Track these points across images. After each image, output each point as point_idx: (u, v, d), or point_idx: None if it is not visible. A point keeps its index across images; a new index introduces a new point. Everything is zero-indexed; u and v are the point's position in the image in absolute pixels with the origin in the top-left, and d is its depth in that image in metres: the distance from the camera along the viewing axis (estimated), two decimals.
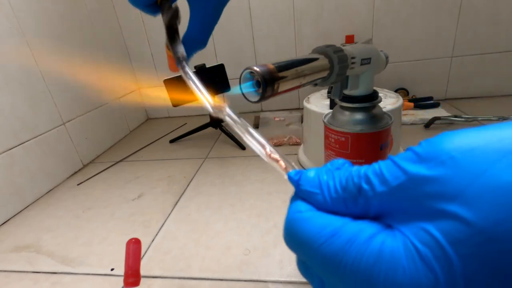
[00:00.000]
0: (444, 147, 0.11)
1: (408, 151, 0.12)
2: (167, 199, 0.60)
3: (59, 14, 0.77)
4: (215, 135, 0.91)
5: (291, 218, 0.13)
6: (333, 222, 0.12)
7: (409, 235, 0.11)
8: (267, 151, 0.16)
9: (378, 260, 0.11)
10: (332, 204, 0.13)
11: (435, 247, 0.10)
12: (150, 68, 1.09)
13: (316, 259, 0.12)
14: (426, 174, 0.11)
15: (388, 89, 0.67)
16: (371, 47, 0.32)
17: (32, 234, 0.55)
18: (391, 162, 0.12)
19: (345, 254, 0.11)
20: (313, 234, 0.12)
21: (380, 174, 0.12)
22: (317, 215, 0.13)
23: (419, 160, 0.11)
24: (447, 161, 0.11)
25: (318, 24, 0.93)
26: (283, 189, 0.58)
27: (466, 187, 0.10)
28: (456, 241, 0.10)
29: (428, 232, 0.10)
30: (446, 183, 0.10)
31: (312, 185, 0.14)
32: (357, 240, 0.11)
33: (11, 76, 0.63)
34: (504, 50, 0.87)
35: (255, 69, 0.21)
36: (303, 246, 0.13)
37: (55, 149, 0.73)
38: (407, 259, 0.10)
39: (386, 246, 0.11)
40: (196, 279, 0.40)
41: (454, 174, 0.10)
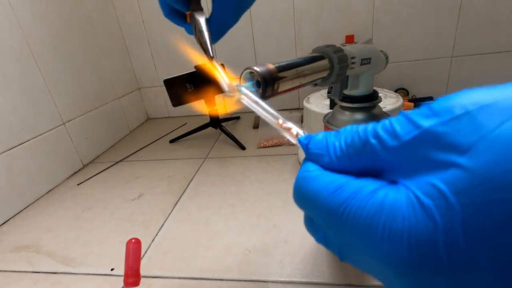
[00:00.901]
0: (460, 101, 0.11)
1: (423, 106, 0.12)
2: (167, 199, 0.60)
3: (59, 14, 0.77)
4: (215, 135, 0.91)
5: (300, 176, 0.14)
6: (338, 179, 0.13)
7: (412, 188, 0.11)
8: (279, 121, 0.17)
9: (378, 211, 0.11)
10: (338, 163, 0.13)
11: (438, 197, 0.10)
12: (150, 68, 1.09)
13: (320, 212, 0.13)
14: (439, 127, 0.11)
15: (388, 89, 0.67)
16: (371, 47, 0.32)
17: (32, 234, 0.55)
18: (403, 117, 0.12)
19: (347, 206, 0.12)
20: (318, 189, 0.13)
21: (391, 129, 0.12)
22: (323, 174, 0.13)
23: (432, 114, 0.11)
24: (461, 114, 0.10)
25: (318, 24, 0.93)
26: (283, 189, 0.58)
27: (477, 141, 0.10)
28: (460, 191, 0.10)
29: (432, 185, 0.10)
30: (458, 136, 0.10)
31: (319, 147, 0.14)
32: (360, 193, 0.12)
33: (11, 76, 0.63)
34: (504, 50, 0.87)
35: (255, 69, 0.21)
36: (309, 201, 0.13)
37: (55, 149, 0.73)
38: (408, 209, 0.10)
39: (388, 198, 0.11)
40: (196, 279, 0.40)
41: (466, 127, 0.10)
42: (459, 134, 0.10)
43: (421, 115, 0.11)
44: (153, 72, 1.09)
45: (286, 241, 0.45)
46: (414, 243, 0.10)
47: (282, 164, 0.68)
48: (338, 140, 0.14)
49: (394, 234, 0.10)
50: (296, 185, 0.14)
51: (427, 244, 0.10)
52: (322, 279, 0.38)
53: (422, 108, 0.12)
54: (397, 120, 0.12)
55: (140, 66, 1.09)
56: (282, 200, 0.55)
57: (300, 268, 0.40)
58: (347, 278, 0.38)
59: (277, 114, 0.17)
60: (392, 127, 0.12)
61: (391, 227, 0.11)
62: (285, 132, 0.17)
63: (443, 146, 0.11)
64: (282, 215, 0.51)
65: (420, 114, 0.11)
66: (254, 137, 0.85)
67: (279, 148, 0.77)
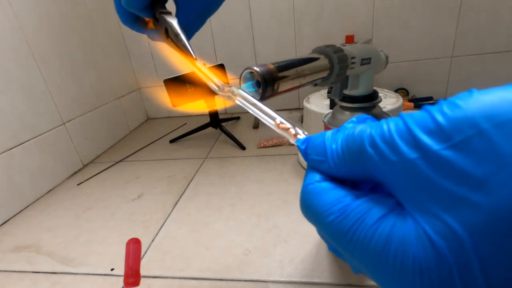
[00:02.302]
0: (472, 115, 0.09)
1: (425, 113, 0.10)
2: (167, 199, 0.60)
3: (59, 14, 0.77)
4: (215, 135, 0.91)
5: (304, 190, 0.13)
6: (342, 199, 0.12)
7: (421, 222, 0.10)
8: (276, 121, 0.16)
9: (387, 244, 0.10)
10: (337, 170, 0.13)
11: (451, 237, 0.09)
12: (150, 68, 1.09)
13: (327, 233, 0.12)
14: (447, 152, 0.09)
15: (388, 89, 0.67)
16: (371, 47, 0.32)
17: (32, 234, 0.55)
18: (403, 126, 0.10)
19: (353, 235, 0.11)
20: (322, 210, 0.12)
21: (390, 140, 0.10)
22: (326, 188, 0.13)
23: (438, 131, 0.09)
24: (474, 137, 0.09)
25: (318, 24, 0.93)
26: (283, 189, 0.58)
27: (494, 172, 0.08)
28: (475, 232, 0.09)
29: (443, 222, 0.09)
30: (471, 166, 0.09)
31: (318, 151, 0.13)
32: (365, 221, 0.11)
33: (11, 76, 0.63)
34: (504, 50, 0.87)
35: (255, 69, 0.21)
36: (315, 220, 0.13)
37: (55, 149, 0.72)
38: (418, 246, 0.10)
39: (396, 231, 0.10)
40: (196, 279, 0.40)
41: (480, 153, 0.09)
42: (472, 162, 0.09)
43: (424, 129, 0.10)
44: (153, 72, 1.09)
45: (286, 241, 0.45)
46: (427, 283, 0.09)
47: (282, 164, 0.68)
48: (335, 143, 0.13)
49: (405, 271, 0.10)
50: (301, 199, 0.13)
51: (443, 284, 0.09)
52: (322, 279, 0.38)
53: (424, 115, 0.10)
54: (397, 130, 0.10)
55: (140, 66, 1.09)
56: (282, 200, 0.55)
57: (300, 268, 0.40)
58: (347, 278, 0.38)
59: (274, 114, 0.17)
60: (391, 138, 0.10)
61: (401, 264, 0.10)
62: (284, 132, 0.16)
63: (453, 175, 0.09)
64: (282, 215, 0.51)
65: (423, 126, 0.10)
66: (254, 137, 0.85)
67: (279, 148, 0.77)
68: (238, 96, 0.18)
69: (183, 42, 0.22)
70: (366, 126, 0.12)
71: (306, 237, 0.45)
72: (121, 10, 0.25)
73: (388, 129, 0.11)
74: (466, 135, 0.09)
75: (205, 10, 0.25)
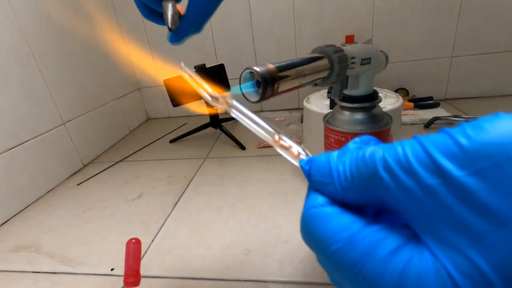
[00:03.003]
0: (501, 138, 0.08)
1: (446, 135, 0.09)
2: (167, 199, 0.60)
3: (59, 14, 0.77)
4: (215, 135, 0.91)
5: (305, 214, 0.12)
6: (349, 226, 0.11)
7: (441, 258, 0.09)
8: (275, 138, 0.15)
9: (401, 283, 0.09)
10: (344, 194, 0.11)
11: (477, 279, 0.08)
12: (150, 68, 1.09)
13: (332, 264, 0.11)
14: (472, 180, 0.08)
15: (388, 89, 0.67)
16: (371, 47, 0.32)
17: (32, 234, 0.55)
18: (421, 150, 0.09)
19: (362, 268, 0.10)
20: (326, 237, 0.11)
21: (406, 163, 0.09)
22: (332, 214, 0.11)
23: (462, 156, 0.08)
24: (504, 164, 0.08)
25: (318, 24, 0.93)
26: (283, 189, 0.58)
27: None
28: (509, 277, 0.08)
29: (468, 258, 0.08)
30: (498, 198, 0.08)
31: (323, 173, 0.12)
32: (376, 252, 0.10)
33: (11, 76, 0.63)
34: (504, 50, 0.87)
35: (255, 69, 0.21)
36: (317, 248, 0.12)
37: (55, 149, 0.72)
38: (438, 287, 0.08)
39: (412, 266, 0.09)
40: (196, 279, 0.40)
41: (509, 183, 0.08)
42: (499, 192, 0.08)
43: (445, 152, 0.09)
44: (153, 72, 1.09)
45: (286, 241, 0.45)
46: None
47: (282, 164, 0.68)
48: (342, 164, 0.12)
49: None
50: (303, 224, 0.12)
51: None
52: (322, 279, 0.38)
53: (445, 138, 0.09)
54: (413, 153, 0.09)
55: (140, 66, 1.09)
56: (282, 200, 0.55)
57: (300, 268, 0.40)
58: None
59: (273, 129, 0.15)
60: (408, 162, 0.09)
61: None
62: (283, 151, 0.14)
63: (478, 206, 0.08)
64: (282, 215, 0.51)
65: (444, 150, 0.09)
66: (254, 137, 0.85)
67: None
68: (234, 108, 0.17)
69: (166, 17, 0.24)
70: (378, 149, 0.11)
71: None
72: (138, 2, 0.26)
73: (403, 152, 0.10)
74: (494, 162, 0.08)
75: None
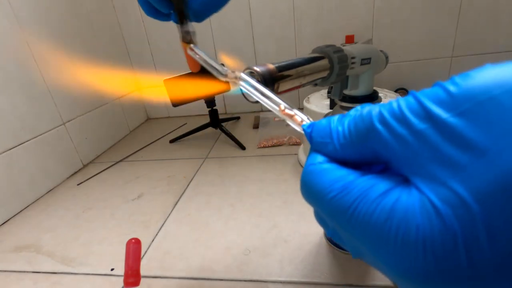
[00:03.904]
0: (484, 82, 0.09)
1: (437, 86, 0.10)
2: (167, 199, 0.60)
3: (59, 14, 0.77)
4: (215, 135, 0.91)
5: (305, 170, 0.13)
6: (345, 176, 0.12)
7: (426, 191, 0.10)
8: (281, 107, 0.16)
9: (389, 217, 0.10)
10: (342, 151, 0.12)
11: (458, 205, 0.09)
12: (150, 68, 1.09)
13: (328, 212, 0.12)
14: (455, 120, 0.09)
15: (388, 89, 0.67)
16: (371, 47, 0.32)
17: (32, 234, 0.55)
18: (413, 100, 0.10)
19: (355, 209, 0.11)
20: (323, 187, 0.12)
21: (400, 114, 0.10)
22: (329, 168, 0.12)
23: (450, 101, 0.09)
24: (485, 102, 0.09)
25: (318, 24, 0.93)
26: (283, 189, 0.58)
27: (501, 139, 0.08)
28: (485, 201, 0.08)
29: (450, 188, 0.09)
30: (477, 132, 0.09)
31: (323, 134, 0.13)
32: (368, 195, 0.11)
33: (11, 76, 0.63)
34: (504, 50, 0.87)
35: (255, 69, 0.21)
36: (316, 199, 0.12)
37: (55, 149, 0.72)
38: (422, 216, 0.09)
39: (400, 203, 0.10)
40: (196, 279, 0.40)
41: (490, 120, 0.09)
42: (478, 128, 0.09)
43: (435, 100, 0.10)
44: (153, 72, 1.09)
45: (286, 241, 0.45)
46: (431, 254, 0.09)
47: (282, 164, 0.68)
48: (341, 125, 0.13)
49: (407, 244, 0.10)
50: (302, 180, 0.13)
51: (446, 255, 0.09)
52: (322, 279, 0.38)
53: (436, 89, 0.10)
54: (406, 104, 0.10)
55: (140, 66, 1.09)
56: (282, 200, 0.55)
57: (300, 268, 0.40)
58: (347, 278, 0.38)
59: (279, 100, 0.16)
60: (401, 112, 0.10)
61: (403, 237, 0.10)
62: (288, 119, 0.16)
63: (460, 142, 0.09)
64: (282, 215, 0.51)
65: (434, 98, 0.10)
66: (254, 137, 0.85)
67: (279, 148, 0.77)
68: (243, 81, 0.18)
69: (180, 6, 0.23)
70: (375, 106, 0.12)
71: (306, 237, 0.45)
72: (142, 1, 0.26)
73: (398, 105, 0.11)
74: (476, 101, 0.09)
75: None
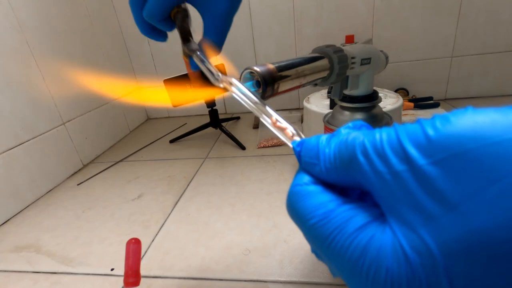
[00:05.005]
0: (460, 132, 0.09)
1: (418, 126, 0.10)
2: (167, 199, 0.60)
3: (59, 14, 0.77)
4: (215, 135, 0.91)
5: (291, 191, 0.14)
6: (326, 203, 0.12)
7: (399, 235, 0.10)
8: (273, 119, 0.16)
9: (362, 255, 0.10)
10: (328, 175, 0.13)
11: (426, 255, 0.09)
12: (150, 68, 1.09)
13: (307, 237, 0.13)
14: (430, 169, 0.09)
15: (388, 89, 0.67)
16: (371, 47, 0.32)
17: (32, 234, 0.55)
18: (395, 137, 0.10)
19: (333, 240, 0.11)
20: (306, 213, 0.12)
21: (381, 150, 0.11)
22: (313, 192, 0.13)
23: (428, 146, 0.10)
24: (460, 155, 0.09)
25: (318, 24, 0.93)
26: (283, 189, 0.58)
27: (470, 197, 0.09)
28: (449, 255, 0.09)
29: (420, 236, 0.09)
30: (449, 186, 0.09)
31: (311, 155, 0.13)
32: (346, 228, 0.11)
33: (11, 76, 0.63)
34: (504, 50, 0.87)
35: (255, 69, 0.21)
36: (298, 222, 0.13)
37: (55, 149, 0.72)
38: (392, 260, 0.10)
39: (373, 242, 0.10)
40: (196, 279, 0.40)
41: (461, 175, 0.09)
42: (450, 181, 0.09)
43: (414, 142, 0.10)
44: (153, 72, 1.09)
45: (286, 241, 0.45)
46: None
47: (282, 164, 0.68)
48: (328, 147, 0.13)
49: (377, 284, 0.10)
50: (287, 200, 0.14)
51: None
52: (322, 279, 0.38)
53: (417, 128, 0.10)
54: (388, 139, 0.11)
55: (140, 66, 1.09)
56: (282, 200, 0.55)
57: (300, 268, 0.40)
58: None
59: (272, 111, 0.16)
60: (382, 148, 0.11)
61: (374, 276, 0.10)
62: (279, 132, 0.16)
63: (433, 192, 0.09)
64: (282, 215, 0.51)
65: (414, 139, 0.10)
66: (254, 137, 0.85)
67: (279, 148, 0.77)
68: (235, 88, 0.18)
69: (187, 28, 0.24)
70: (360, 134, 0.12)
71: None
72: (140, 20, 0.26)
73: (380, 138, 0.11)
74: (450, 153, 0.09)
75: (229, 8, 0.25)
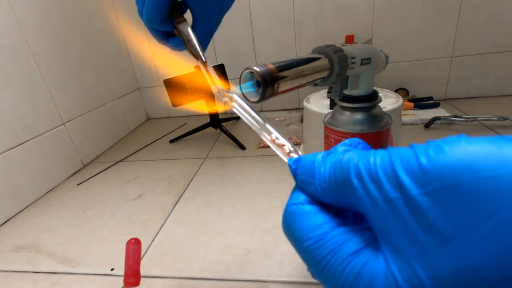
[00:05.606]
0: (454, 164, 0.09)
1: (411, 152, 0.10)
2: (167, 199, 0.60)
3: (59, 14, 0.77)
4: (215, 135, 0.91)
5: (286, 210, 0.14)
6: (321, 225, 0.12)
7: (392, 264, 0.10)
8: (272, 136, 0.16)
9: (355, 282, 0.10)
10: (323, 195, 0.13)
11: (417, 286, 0.09)
12: (150, 68, 1.09)
13: (302, 258, 0.13)
14: (423, 199, 0.09)
15: (388, 89, 0.67)
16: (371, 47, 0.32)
17: (32, 234, 0.55)
18: (389, 162, 0.10)
19: (326, 265, 0.11)
20: (301, 234, 0.12)
21: (375, 175, 0.10)
22: (309, 212, 0.13)
23: (421, 175, 0.09)
24: (453, 187, 0.09)
25: (318, 24, 0.93)
26: (283, 189, 0.58)
27: (463, 232, 0.08)
28: (442, 286, 0.09)
29: (412, 268, 0.09)
30: (442, 219, 0.09)
31: (307, 173, 0.13)
32: (339, 253, 0.11)
33: (11, 76, 0.63)
34: (504, 50, 0.87)
35: (255, 69, 0.21)
36: (293, 242, 0.13)
37: (55, 149, 0.72)
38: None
39: (366, 269, 0.10)
40: (196, 279, 0.40)
41: (457, 208, 0.09)
42: (443, 214, 0.09)
43: (407, 169, 0.10)
44: (153, 72, 1.09)
45: (286, 241, 0.45)
46: None
47: (282, 164, 0.68)
48: (324, 166, 0.13)
49: None
50: (283, 219, 0.14)
51: None
52: None
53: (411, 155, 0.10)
54: (382, 164, 0.10)
55: (140, 66, 1.09)
56: (282, 200, 0.55)
57: (300, 268, 0.40)
58: None
59: (271, 128, 0.16)
60: (376, 173, 0.10)
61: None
62: (277, 149, 0.15)
63: (425, 224, 0.09)
64: None
65: (407, 167, 0.10)
66: (254, 137, 0.85)
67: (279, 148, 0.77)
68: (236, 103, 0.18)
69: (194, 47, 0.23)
70: (355, 155, 0.12)
71: None
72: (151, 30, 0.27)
73: (374, 162, 0.11)
74: (443, 185, 0.09)
75: (219, 9, 0.26)
